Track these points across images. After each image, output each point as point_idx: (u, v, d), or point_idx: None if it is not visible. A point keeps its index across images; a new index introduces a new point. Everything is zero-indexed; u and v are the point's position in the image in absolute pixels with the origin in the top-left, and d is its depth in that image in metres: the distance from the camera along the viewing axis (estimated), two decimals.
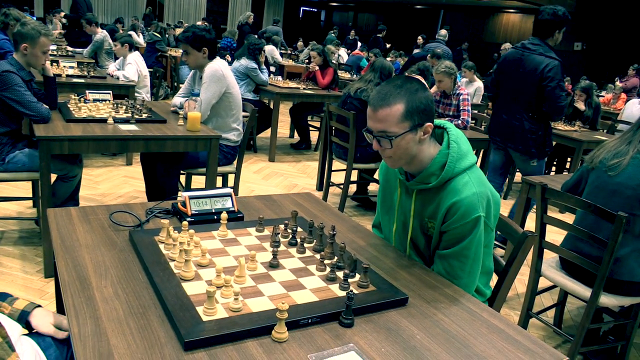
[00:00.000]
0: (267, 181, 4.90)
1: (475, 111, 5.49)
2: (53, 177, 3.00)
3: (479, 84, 6.91)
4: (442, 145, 1.57)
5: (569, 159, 5.58)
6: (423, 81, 2.01)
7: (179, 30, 10.71)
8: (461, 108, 4.45)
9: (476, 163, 1.58)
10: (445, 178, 1.53)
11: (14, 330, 1.23)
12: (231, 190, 1.82)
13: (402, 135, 1.48)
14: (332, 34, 13.06)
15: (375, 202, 4.48)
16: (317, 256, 1.51)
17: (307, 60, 9.62)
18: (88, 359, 1.00)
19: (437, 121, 1.61)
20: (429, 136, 1.55)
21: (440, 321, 1.29)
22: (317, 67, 6.15)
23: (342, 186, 4.19)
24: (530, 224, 4.28)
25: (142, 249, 1.43)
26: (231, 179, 3.76)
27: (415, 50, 9.54)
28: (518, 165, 3.66)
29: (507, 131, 3.57)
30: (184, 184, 3.85)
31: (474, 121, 5.47)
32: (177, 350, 1.06)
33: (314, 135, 6.85)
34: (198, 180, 4.28)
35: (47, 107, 2.88)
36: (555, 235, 3.87)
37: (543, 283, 2.80)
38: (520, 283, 3.35)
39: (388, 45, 11.82)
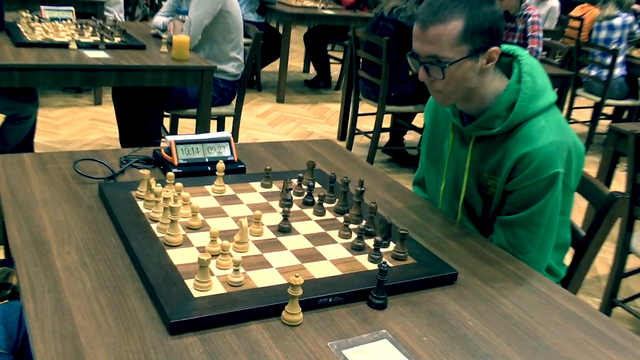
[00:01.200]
0: (274, 128, 4.90)
1: (548, 39, 5.35)
2: (1, 118, 3.01)
3: (553, 2, 6.73)
4: (511, 78, 1.55)
5: None
6: None
7: None
8: (529, 34, 4.34)
9: (555, 103, 1.56)
10: (515, 122, 1.51)
11: None
12: (229, 135, 1.81)
13: (459, 62, 1.45)
14: None
15: (413, 156, 4.47)
16: (341, 219, 1.51)
17: None
18: (47, 342, 1.01)
19: (505, 47, 1.58)
20: (494, 65, 1.52)
21: (500, 305, 1.28)
22: None
23: (371, 135, 4.16)
24: (618, 186, 4.22)
25: (116, 207, 1.44)
26: (228, 123, 3.75)
27: None
28: None
29: None
30: (168, 130, 3.86)
31: (545, 52, 5.34)
32: (161, 334, 1.07)
33: (335, 69, 6.77)
34: (186, 125, 4.29)
35: None
36: None
37: (632, 263, 2.77)
38: (602, 263, 3.33)
39: None
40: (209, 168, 1.71)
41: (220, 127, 3.74)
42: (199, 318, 1.09)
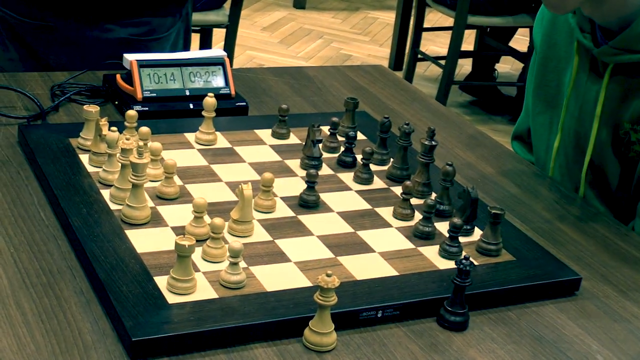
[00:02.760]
0: (289, 47, 4.90)
1: None
2: None
3: None
4: None
5: None
6: None
7: None
8: None
9: None
10: None
11: None
12: (223, 54, 1.82)
13: None
14: None
15: (511, 97, 4.44)
16: (397, 189, 1.52)
17: None
18: None
19: None
20: None
21: None
22: None
23: (443, 62, 4.14)
24: None
25: (46, 163, 1.45)
26: (218, 38, 3.75)
27: None
28: None
29: None
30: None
31: None
32: (117, 358, 1.06)
33: None
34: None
35: None
36: None
37: None
38: None
39: None
40: (192, 105, 1.72)
41: (206, 44, 3.73)
42: (175, 336, 1.08)
